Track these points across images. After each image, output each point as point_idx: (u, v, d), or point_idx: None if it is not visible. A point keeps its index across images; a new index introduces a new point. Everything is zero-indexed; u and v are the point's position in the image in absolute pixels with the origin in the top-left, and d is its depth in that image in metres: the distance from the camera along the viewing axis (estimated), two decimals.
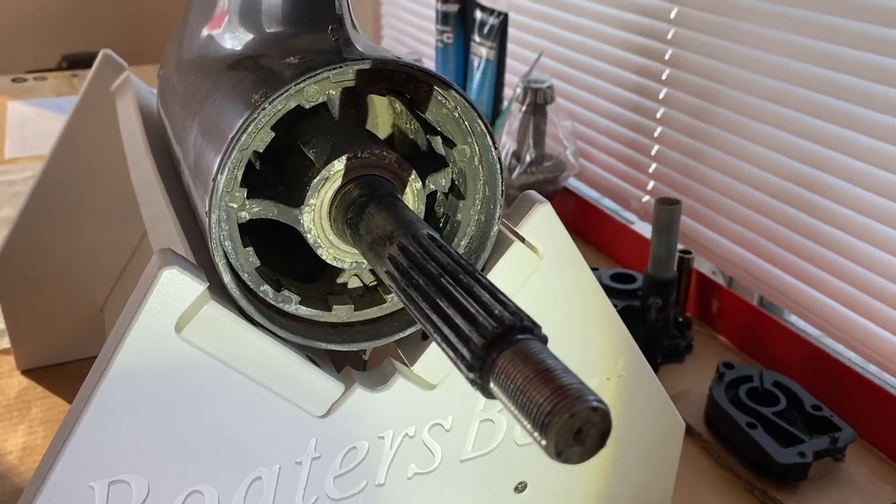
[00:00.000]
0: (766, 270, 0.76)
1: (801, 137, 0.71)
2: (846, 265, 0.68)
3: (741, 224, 0.79)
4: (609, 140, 0.97)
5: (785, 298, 0.74)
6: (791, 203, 0.73)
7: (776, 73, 0.73)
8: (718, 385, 0.59)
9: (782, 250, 0.74)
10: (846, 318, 0.68)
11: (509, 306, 0.24)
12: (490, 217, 0.37)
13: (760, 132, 0.75)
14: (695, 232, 0.85)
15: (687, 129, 0.85)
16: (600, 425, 0.21)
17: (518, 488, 0.43)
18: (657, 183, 0.91)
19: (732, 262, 0.80)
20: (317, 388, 0.35)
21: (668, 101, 0.87)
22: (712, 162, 0.82)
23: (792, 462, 0.52)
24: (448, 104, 0.34)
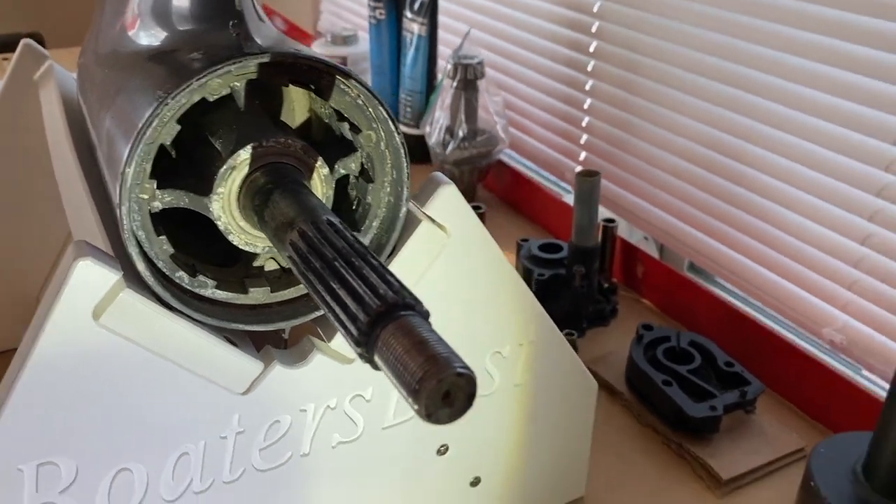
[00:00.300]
0: (693, 236, 0.80)
1: (722, 107, 0.74)
2: (767, 229, 0.71)
3: (669, 192, 0.82)
4: (542, 112, 0.99)
5: (712, 263, 0.78)
6: (713, 171, 0.76)
7: (698, 45, 0.76)
8: (637, 346, 0.62)
9: (707, 216, 0.78)
10: (767, 279, 0.72)
11: (393, 285, 0.26)
12: (398, 199, 0.38)
13: (684, 102, 0.78)
14: (626, 201, 0.88)
15: (615, 101, 0.88)
16: (466, 388, 0.23)
17: (440, 451, 0.45)
18: (589, 154, 0.94)
19: (662, 228, 0.83)
20: (235, 367, 0.37)
21: (596, 74, 0.90)
22: (640, 133, 0.85)
23: (704, 416, 0.56)
24: (351, 92, 0.36)
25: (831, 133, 0.64)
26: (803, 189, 0.68)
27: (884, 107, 0.60)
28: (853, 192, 0.64)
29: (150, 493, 0.37)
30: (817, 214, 0.67)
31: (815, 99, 0.65)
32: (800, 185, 0.68)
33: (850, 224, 0.64)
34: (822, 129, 0.65)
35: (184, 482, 0.38)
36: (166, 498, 0.38)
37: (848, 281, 0.66)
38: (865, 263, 0.64)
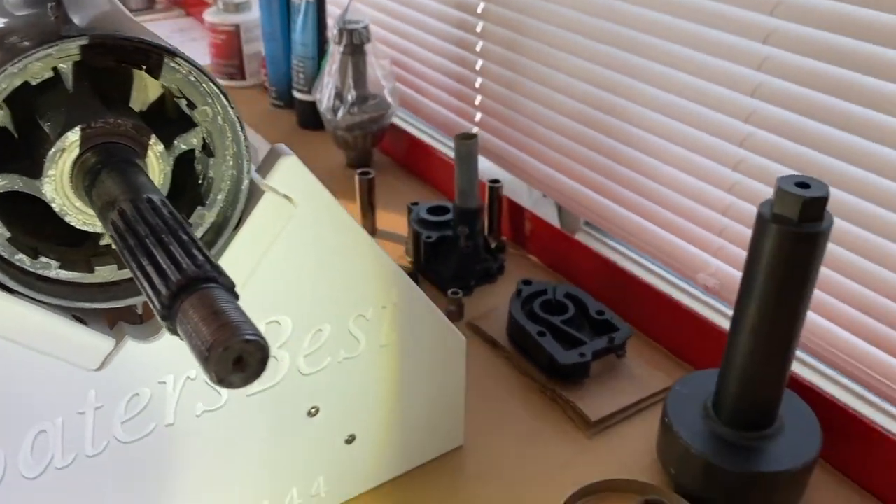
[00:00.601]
0: (580, 192, 0.82)
1: (600, 66, 0.76)
2: (644, 181, 0.75)
3: (557, 150, 0.85)
4: (437, 74, 1.00)
5: (599, 217, 0.81)
6: (595, 127, 0.79)
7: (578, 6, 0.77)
8: (516, 301, 0.65)
9: (592, 172, 0.81)
10: (647, 229, 0.76)
11: (197, 259, 0.27)
12: (240, 171, 0.39)
13: (567, 62, 0.80)
14: (518, 159, 0.90)
15: (504, 62, 0.89)
16: (258, 353, 0.24)
17: (311, 412, 0.47)
18: (484, 114, 0.96)
19: (553, 186, 0.86)
20: (85, 345, 0.37)
21: (485, 35, 0.91)
22: (529, 93, 0.87)
23: (573, 362, 0.59)
24: (182, 69, 0.37)
25: (696, 87, 0.67)
26: (674, 142, 0.71)
27: (743, 61, 0.63)
28: (718, 142, 0.67)
29: (9, 473, 0.38)
30: (687, 165, 0.70)
31: (681, 54, 0.68)
32: (671, 137, 0.71)
33: (718, 174, 0.68)
34: (687, 83, 0.68)
35: (45, 459, 0.39)
36: (27, 475, 0.39)
37: (718, 228, 0.70)
38: (733, 211, 0.68)
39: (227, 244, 0.40)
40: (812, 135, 0.60)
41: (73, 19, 0.34)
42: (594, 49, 0.77)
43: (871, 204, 0.56)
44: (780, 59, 0.60)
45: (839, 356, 0.61)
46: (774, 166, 0.63)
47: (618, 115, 0.76)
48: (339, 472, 0.51)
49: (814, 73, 0.58)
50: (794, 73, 0.60)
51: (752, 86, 0.63)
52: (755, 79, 0.63)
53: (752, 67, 0.63)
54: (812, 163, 0.60)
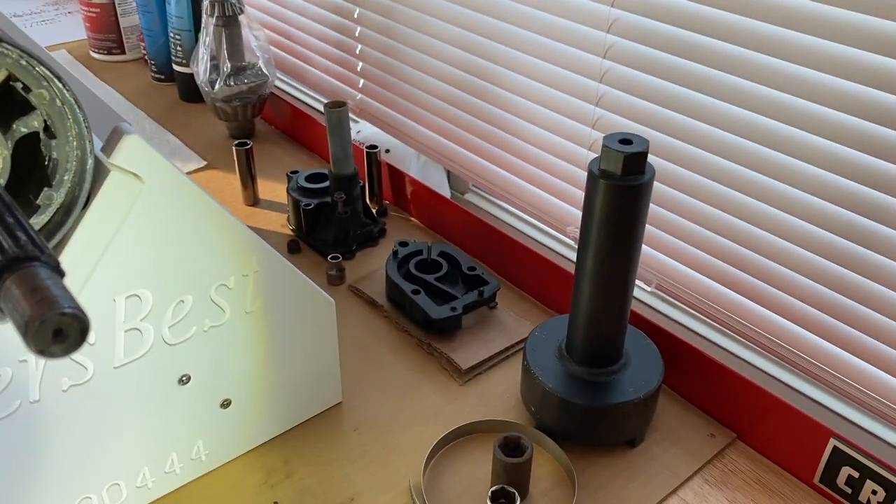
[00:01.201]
0: (458, 153, 0.85)
1: (469, 31, 0.79)
2: (514, 141, 0.78)
3: (434, 113, 0.87)
4: (321, 42, 1.01)
5: (475, 176, 0.84)
6: (469, 91, 0.81)
7: None
8: (393, 262, 0.68)
9: (468, 133, 0.84)
10: (518, 186, 0.79)
11: (19, 239, 0.29)
12: (84, 152, 0.40)
13: (436, 26, 0.82)
14: (403, 125, 0.93)
15: (380, 28, 0.91)
16: (77, 325, 0.26)
17: (182, 381, 0.49)
18: (366, 81, 0.97)
19: (433, 148, 0.89)
20: None
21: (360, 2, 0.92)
22: (404, 58, 0.89)
23: (445, 316, 0.63)
24: (11, 54, 0.37)
25: (555, 49, 0.71)
26: (538, 102, 0.75)
27: (593, 23, 0.67)
28: (578, 102, 0.71)
29: None
30: (552, 124, 0.74)
31: (540, 18, 0.71)
32: (535, 98, 0.75)
33: (579, 132, 0.72)
34: (547, 46, 0.72)
35: None
36: None
37: (582, 182, 0.74)
38: None
39: (76, 223, 0.41)
40: (657, 93, 0.64)
41: None
42: (462, 14, 0.79)
43: (691, 147, 0.62)
44: (627, 21, 0.64)
45: (678, 287, 0.67)
46: (630, 123, 0.67)
47: (486, 78, 0.79)
48: (217, 435, 0.53)
49: (658, 34, 0.62)
50: (641, 33, 0.64)
51: (604, 47, 0.67)
52: (605, 40, 0.66)
53: (602, 30, 0.66)
54: (662, 120, 0.64)
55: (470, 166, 0.85)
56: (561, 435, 0.55)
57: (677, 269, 0.67)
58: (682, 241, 0.66)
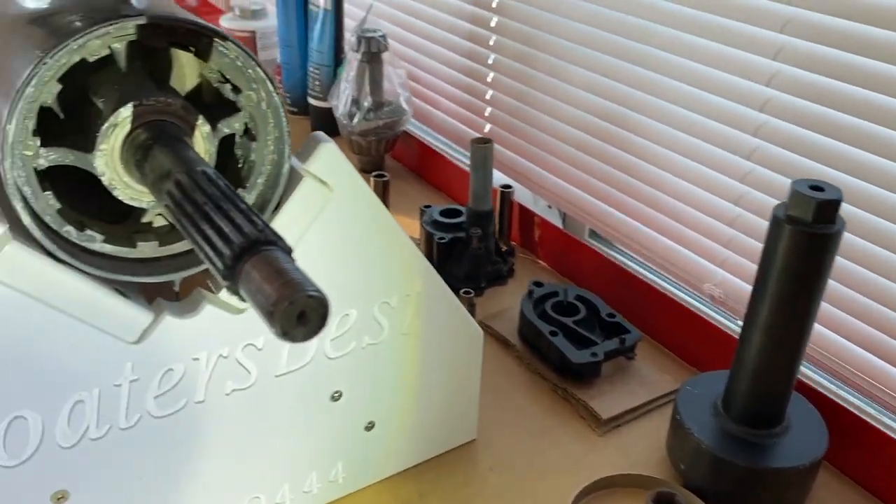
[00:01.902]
0: (587, 202, 0.84)
1: (611, 79, 0.78)
2: (651, 192, 0.76)
3: (565, 161, 0.87)
4: (448, 86, 1.02)
5: (604, 226, 0.83)
6: (603, 138, 0.80)
7: (588, 20, 0.80)
8: (528, 301, 0.66)
9: (599, 182, 0.82)
10: (653, 239, 0.77)
11: (257, 224, 0.28)
12: (281, 156, 0.41)
13: (577, 74, 0.82)
14: (527, 169, 0.92)
15: (515, 74, 0.91)
16: (319, 309, 0.26)
17: (334, 397, 0.48)
18: (493, 126, 0.98)
19: (560, 196, 0.88)
20: (126, 317, 0.39)
21: (497, 48, 0.93)
22: (539, 104, 0.89)
23: (586, 361, 0.60)
24: (230, 54, 0.38)
25: (705, 100, 0.69)
26: (682, 153, 0.73)
27: (752, 76, 0.65)
28: (726, 155, 0.69)
29: (46, 440, 0.39)
30: (695, 177, 0.72)
31: (690, 68, 0.70)
32: (679, 149, 0.73)
33: (725, 185, 0.70)
34: (696, 96, 0.70)
35: (80, 429, 0.40)
36: (63, 445, 0.40)
37: (724, 239, 0.71)
38: (740, 222, 0.70)
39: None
40: (819, 149, 0.62)
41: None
42: (603, 61, 0.79)
43: (875, 217, 0.58)
44: (789, 74, 0.63)
45: (843, 366, 0.63)
46: (782, 179, 0.65)
47: (625, 126, 0.78)
48: (357, 458, 0.52)
49: (821, 88, 0.60)
50: (803, 88, 0.62)
51: (762, 100, 0.65)
52: (764, 93, 0.65)
53: (762, 83, 0.65)
54: (819, 177, 0.62)
55: (595, 213, 0.83)
56: (713, 496, 0.52)
57: (841, 344, 0.63)
58: (849, 314, 0.62)
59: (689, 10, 0.69)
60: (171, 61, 0.42)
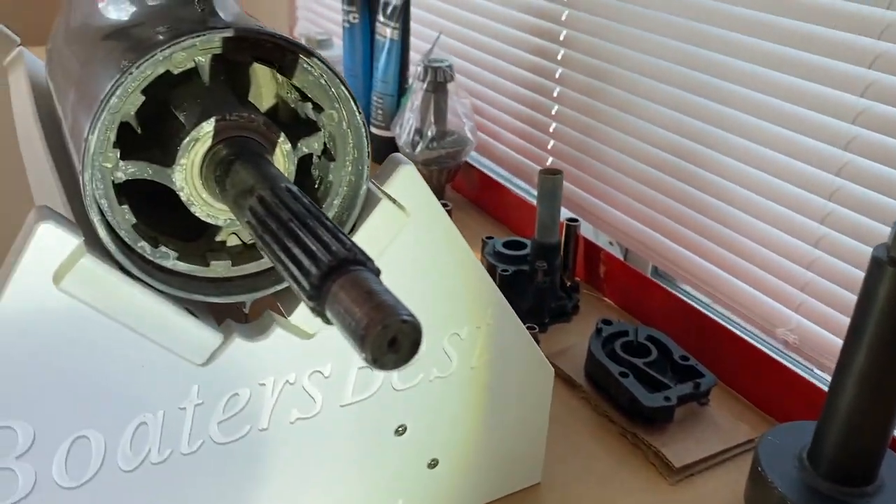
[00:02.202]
0: (653, 239, 0.82)
1: (683, 114, 0.76)
2: (725, 232, 0.73)
3: (631, 196, 0.84)
4: (510, 118, 1.01)
5: (673, 266, 0.80)
6: (673, 174, 0.78)
7: (657, 52, 0.78)
8: (596, 340, 0.64)
9: (667, 219, 0.80)
10: (724, 280, 0.74)
11: (345, 243, 0.27)
12: (359, 177, 0.40)
13: (646, 108, 0.80)
14: (590, 204, 0.90)
15: (581, 107, 0.90)
16: (412, 335, 0.24)
17: (398, 431, 0.46)
18: (556, 159, 0.96)
19: (625, 232, 0.85)
20: (195, 338, 0.37)
21: (563, 81, 0.92)
22: (605, 138, 0.87)
23: (658, 406, 0.57)
24: (314, 71, 0.37)
25: (785, 137, 0.67)
26: (758, 192, 0.70)
27: (835, 113, 0.62)
28: (806, 195, 0.66)
29: (107, 462, 0.38)
30: (772, 217, 0.69)
31: (769, 104, 0.67)
32: (755, 188, 0.70)
33: (804, 226, 0.66)
34: (775, 133, 0.68)
35: (142, 452, 0.38)
36: (124, 468, 0.38)
37: (801, 282, 0.68)
38: (818, 265, 0.66)
39: None
40: None
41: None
42: (675, 95, 0.77)
43: None
44: (877, 111, 0.60)
45: None
46: (867, 221, 0.62)
47: (696, 162, 0.76)
48: (418, 496, 0.49)
49: None
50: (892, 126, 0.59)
51: (846, 138, 0.62)
52: (849, 131, 0.62)
53: (847, 120, 0.62)
54: None
55: (661, 250, 0.81)
56: None
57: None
58: None
59: (769, 44, 0.67)
60: (249, 80, 0.41)
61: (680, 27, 0.75)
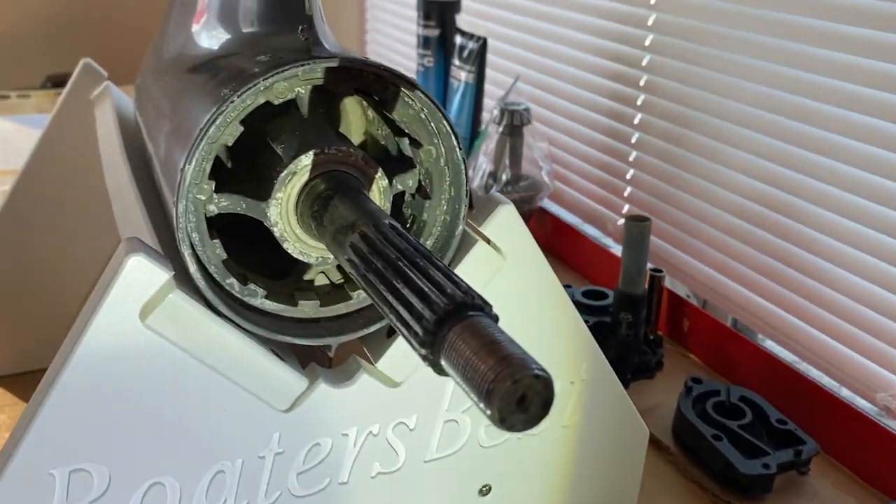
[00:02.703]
0: (738, 293, 0.77)
1: (771, 161, 0.73)
2: (818, 288, 0.69)
3: (714, 247, 0.80)
4: (585, 164, 0.99)
5: (757, 321, 0.75)
6: (762, 226, 0.74)
7: (746, 98, 0.75)
8: (686, 399, 0.60)
9: (754, 273, 0.76)
10: (816, 339, 0.69)
11: (461, 286, 0.24)
12: (455, 217, 0.37)
13: (732, 156, 0.77)
14: (669, 255, 0.86)
15: (661, 153, 0.87)
16: (543, 393, 0.21)
17: (482, 491, 0.43)
18: (632, 206, 0.93)
19: (706, 284, 0.81)
20: (280, 382, 0.35)
21: (642, 126, 0.89)
22: (686, 185, 0.84)
23: (756, 473, 0.53)
24: (414, 105, 0.35)
25: (885, 188, 0.63)
26: (857, 247, 0.66)
27: None
28: None
29: None
30: (870, 272, 0.65)
31: (868, 153, 0.64)
32: (851, 241, 0.66)
33: None
34: (874, 183, 0.63)
35: (217, 503, 0.36)
36: None
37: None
38: None
39: None
40: None
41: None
42: (765, 143, 0.73)
43: None
44: None
45: None
46: None
47: (788, 214, 0.72)
48: None
49: None
50: None
51: None
52: None
53: None
54: None
55: (750, 306, 0.76)
56: None
57: None
58: None
59: (865, 89, 0.63)
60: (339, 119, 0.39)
61: (768, 72, 0.72)
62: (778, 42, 0.71)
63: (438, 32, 0.96)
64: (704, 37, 0.79)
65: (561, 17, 0.99)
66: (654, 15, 0.85)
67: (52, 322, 0.66)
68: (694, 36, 0.80)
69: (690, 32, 0.80)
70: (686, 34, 0.81)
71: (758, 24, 0.73)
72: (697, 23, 0.80)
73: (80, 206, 0.61)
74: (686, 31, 0.81)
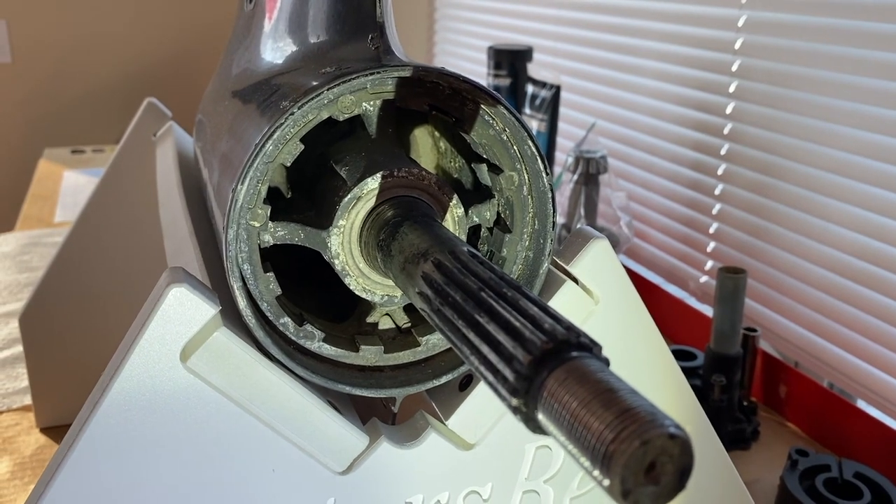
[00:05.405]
0: (835, 354, 0.70)
1: (869, 210, 0.66)
2: None
3: (806, 305, 0.73)
4: (663, 217, 0.93)
5: (857, 385, 0.68)
6: (859, 281, 0.67)
7: (839, 144, 0.69)
8: (791, 474, 0.52)
9: (851, 332, 0.68)
10: None
11: (562, 321, 0.20)
12: (539, 253, 0.33)
13: (826, 206, 0.71)
14: (756, 313, 0.80)
15: (748, 205, 0.81)
16: (679, 459, 0.16)
17: None
18: (716, 262, 0.87)
19: (797, 345, 0.74)
20: (338, 439, 0.31)
21: (726, 177, 0.84)
22: (775, 239, 0.77)
23: None
24: (496, 125, 0.31)
25: None
26: None
27: None
28: None
29: None
30: None
31: None
32: None
33: None
34: None
35: None
36: None
37: None
38: None
39: None
40: None
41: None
42: (862, 191, 0.67)
43: None
44: None
45: None
46: None
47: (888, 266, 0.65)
48: None
49: None
50: None
51: None
52: None
53: None
54: None
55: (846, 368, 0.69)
56: None
57: None
58: None
59: None
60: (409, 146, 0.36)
61: (864, 115, 0.67)
62: (872, 82, 0.66)
63: (510, 81, 0.93)
64: (789, 80, 0.74)
65: (637, 66, 0.95)
66: (738, 60, 0.81)
67: (103, 371, 0.63)
68: (778, 80, 0.75)
69: (778, 76, 0.75)
70: (773, 79, 0.76)
71: (850, 65, 0.67)
72: (785, 66, 0.75)
73: (137, 249, 0.59)
74: (773, 75, 0.76)
